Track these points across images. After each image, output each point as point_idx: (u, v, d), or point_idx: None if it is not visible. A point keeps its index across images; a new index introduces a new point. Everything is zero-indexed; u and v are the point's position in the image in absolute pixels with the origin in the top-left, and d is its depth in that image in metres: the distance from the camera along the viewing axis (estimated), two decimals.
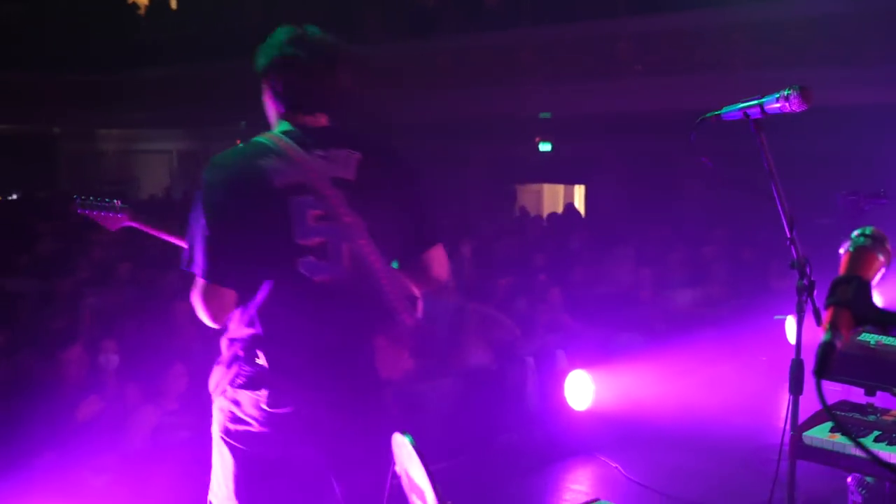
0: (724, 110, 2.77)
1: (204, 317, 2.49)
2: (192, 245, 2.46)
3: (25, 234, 10.82)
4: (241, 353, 2.46)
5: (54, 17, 19.58)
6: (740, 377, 6.00)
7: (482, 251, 9.73)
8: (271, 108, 2.67)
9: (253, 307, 2.45)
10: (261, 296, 2.44)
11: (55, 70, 18.81)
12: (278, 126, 2.62)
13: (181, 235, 2.81)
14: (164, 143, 21.50)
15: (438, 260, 2.64)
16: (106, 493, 4.50)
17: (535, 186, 16.19)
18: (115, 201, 3.37)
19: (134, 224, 3.32)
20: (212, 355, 2.65)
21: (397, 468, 2.55)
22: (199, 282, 2.45)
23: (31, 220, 12.21)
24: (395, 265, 2.60)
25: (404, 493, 2.55)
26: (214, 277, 2.43)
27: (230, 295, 2.46)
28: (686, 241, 9.87)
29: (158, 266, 8.53)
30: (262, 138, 2.55)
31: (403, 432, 2.51)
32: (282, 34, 2.62)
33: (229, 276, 2.44)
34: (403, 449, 2.51)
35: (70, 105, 19.48)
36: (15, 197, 18.81)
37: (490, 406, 5.67)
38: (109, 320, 6.91)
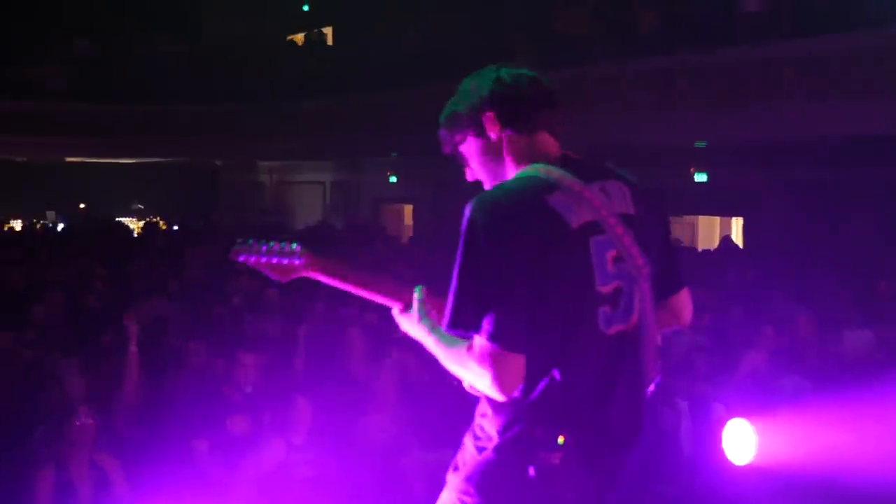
0: None
1: (492, 390, 2.05)
2: (464, 301, 2.07)
3: (179, 261, 11.17)
4: (537, 433, 2.07)
5: (216, 53, 20.47)
6: None
7: None
8: (507, 143, 2.28)
9: (547, 372, 2.07)
10: (557, 358, 2.07)
11: (216, 104, 19.60)
12: (532, 162, 2.23)
13: (372, 286, 2.44)
14: (318, 174, 22.03)
15: (688, 301, 2.42)
16: None
17: (689, 218, 15.62)
18: (294, 245, 2.53)
19: (313, 275, 2.52)
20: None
21: None
22: (486, 347, 2.03)
23: (185, 248, 12.62)
24: None
25: None
26: (510, 343, 2.02)
27: (523, 362, 2.05)
28: (855, 278, 9.17)
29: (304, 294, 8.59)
30: (531, 172, 2.19)
31: None
32: (496, 71, 2.31)
33: (525, 338, 2.04)
34: None
35: (230, 137, 20.25)
36: (177, 227, 19.65)
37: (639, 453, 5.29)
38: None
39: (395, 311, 2.39)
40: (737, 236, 14.74)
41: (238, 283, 9.17)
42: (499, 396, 2.07)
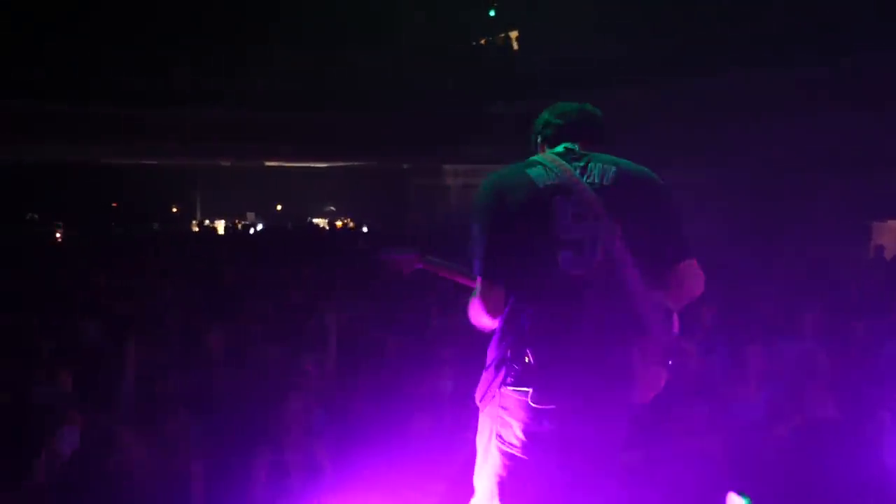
0: None
1: (481, 315, 2.72)
2: (473, 253, 2.72)
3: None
4: (509, 354, 2.65)
5: (407, 62, 21.09)
6: None
7: (832, 293, 8.96)
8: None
9: (520, 304, 2.67)
10: (526, 291, 2.66)
11: (407, 110, 20.18)
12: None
13: (469, 276, 3.02)
14: None
15: (692, 273, 2.75)
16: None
17: (894, 223, 14.79)
18: (408, 248, 3.64)
19: (423, 266, 3.53)
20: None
21: None
22: (478, 282, 2.71)
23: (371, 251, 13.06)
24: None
25: None
26: (490, 274, 2.68)
27: (502, 292, 2.69)
28: None
29: None
30: (535, 157, 2.89)
31: (740, 493, 2.32)
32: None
33: (501, 272, 2.68)
34: None
35: (420, 142, 20.78)
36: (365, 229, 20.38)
37: (837, 466, 5.11)
38: None
39: None
40: None
41: (431, 285, 9.44)
42: (489, 319, 2.72)
